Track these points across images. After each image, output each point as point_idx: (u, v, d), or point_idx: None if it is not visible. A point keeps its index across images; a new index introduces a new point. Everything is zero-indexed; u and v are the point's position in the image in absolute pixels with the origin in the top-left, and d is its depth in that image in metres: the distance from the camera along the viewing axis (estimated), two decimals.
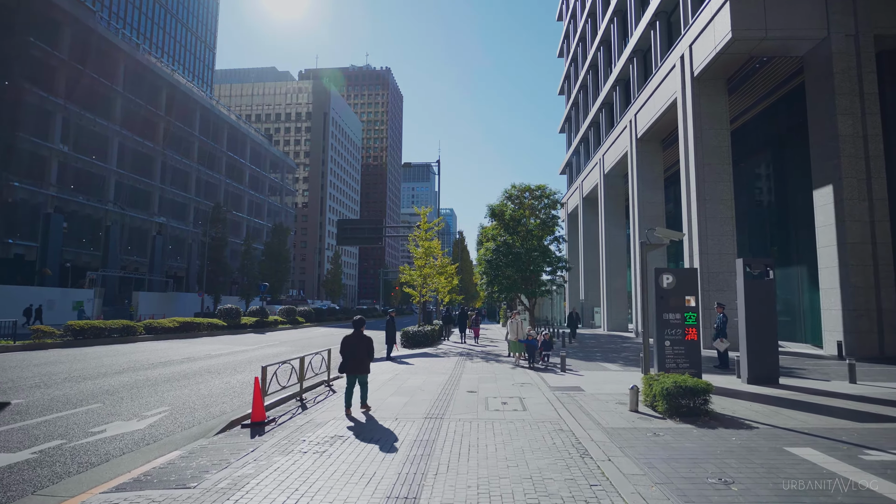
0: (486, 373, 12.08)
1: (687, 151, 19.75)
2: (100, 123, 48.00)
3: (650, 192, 25.77)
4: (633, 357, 15.74)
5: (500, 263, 21.00)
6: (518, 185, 22.16)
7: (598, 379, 10.94)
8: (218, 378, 11.73)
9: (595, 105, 35.37)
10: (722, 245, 18.60)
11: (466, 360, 15.24)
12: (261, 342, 22.06)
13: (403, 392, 9.45)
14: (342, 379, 11.50)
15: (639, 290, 25.44)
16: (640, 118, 25.74)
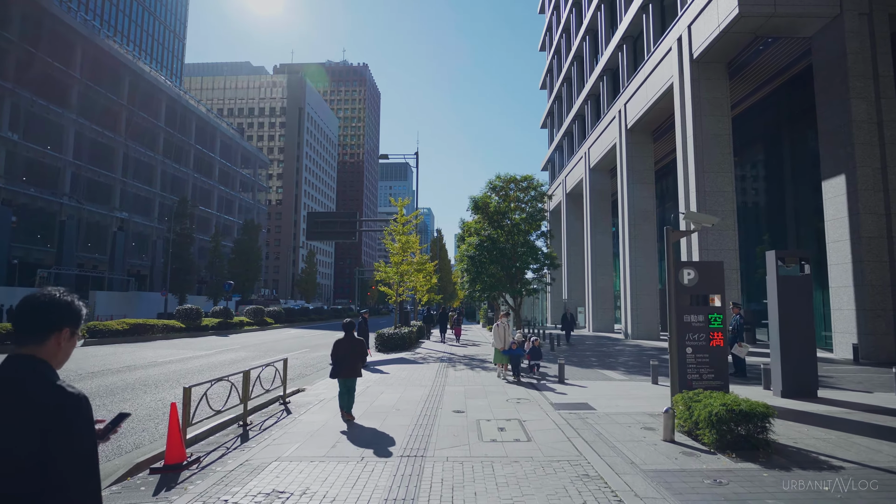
0: (473, 384, 10.38)
1: (685, 140, 18.41)
2: (54, 111, 44.76)
3: (640, 186, 24.47)
4: (633, 363, 14.24)
5: (484, 260, 19.34)
6: (503, 175, 20.53)
7: (604, 392, 9.34)
8: (152, 394, 9.75)
9: (580, 97, 34.05)
10: (723, 240, 17.30)
11: (449, 367, 13.53)
12: (220, 346, 19.96)
13: (374, 413, 7.67)
14: (303, 393, 9.67)
15: (628, 289, 24.12)
16: (630, 108, 24.40)
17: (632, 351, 17.98)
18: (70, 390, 1.48)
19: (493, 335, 11.26)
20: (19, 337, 1.56)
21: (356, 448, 5.70)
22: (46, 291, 1.64)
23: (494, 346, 11.31)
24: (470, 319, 59.05)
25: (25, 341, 1.55)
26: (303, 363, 15.25)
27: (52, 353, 1.57)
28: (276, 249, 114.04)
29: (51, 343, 1.57)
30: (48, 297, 1.61)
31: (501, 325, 11.13)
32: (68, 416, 1.44)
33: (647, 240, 24.13)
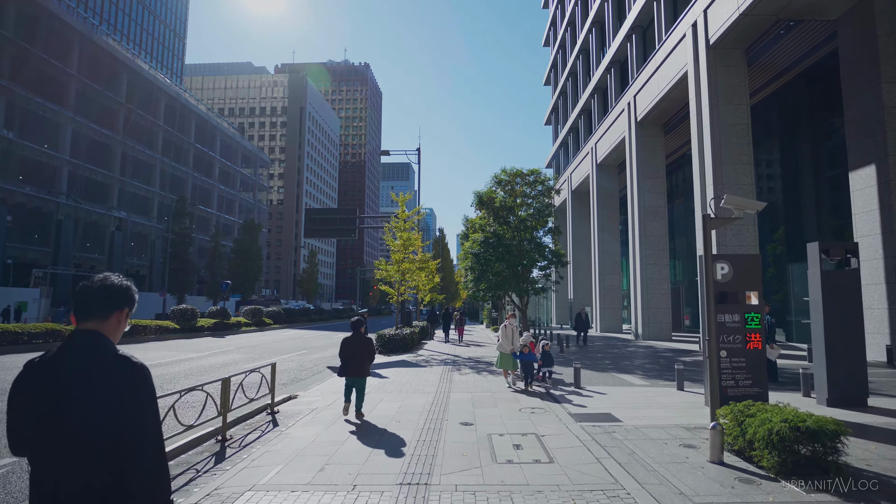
0: (481, 390, 9.50)
1: (701, 130, 17.50)
2: (51, 109, 44.10)
3: (651, 181, 23.55)
4: (650, 366, 13.34)
5: (489, 257, 18.44)
6: (508, 169, 19.64)
7: (627, 400, 8.45)
8: None
9: (586, 91, 33.14)
10: (742, 236, 16.38)
11: (453, 370, 12.65)
12: (214, 348, 19.12)
13: (372, 426, 6.80)
14: (295, 400, 8.82)
15: (637, 288, 23.21)
16: (640, 100, 23.49)
17: (646, 353, 17.07)
18: (135, 360, 1.69)
19: (500, 337, 9.93)
20: (85, 314, 1.74)
21: (348, 472, 4.82)
22: (109, 276, 1.84)
23: (500, 350, 9.93)
24: (473, 319, 58.11)
25: (90, 318, 1.74)
26: (298, 366, 14.40)
27: (112, 329, 1.78)
28: (277, 250, 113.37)
29: (112, 320, 1.78)
30: (112, 280, 1.83)
31: (509, 327, 9.91)
32: (138, 381, 1.65)
33: (657, 237, 23.21)
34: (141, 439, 1.62)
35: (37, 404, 1.62)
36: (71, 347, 1.68)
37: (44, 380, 1.63)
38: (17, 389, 1.66)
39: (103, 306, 1.77)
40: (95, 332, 1.72)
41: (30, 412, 1.63)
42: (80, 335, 1.71)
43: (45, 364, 1.66)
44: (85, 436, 1.58)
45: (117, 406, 1.60)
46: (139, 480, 1.60)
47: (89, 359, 1.66)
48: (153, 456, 1.64)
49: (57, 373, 1.64)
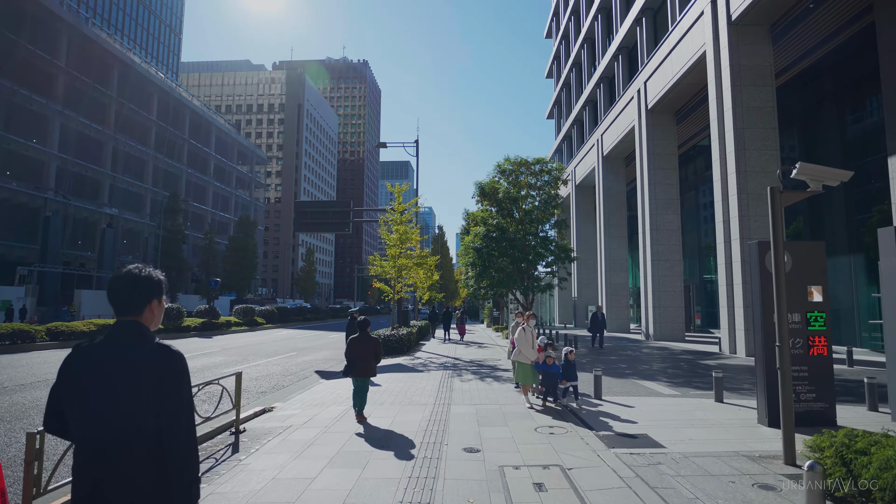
0: (486, 401, 8.19)
1: (721, 115, 16.18)
2: (37, 101, 42.63)
3: (662, 172, 22.24)
4: (672, 370, 12.03)
5: (493, 252, 17.14)
6: (513, 158, 18.33)
7: (660, 415, 7.13)
8: None
9: (591, 81, 31.82)
10: (767, 228, 15.06)
11: (454, 376, 11.34)
12: (197, 350, 17.79)
13: (355, 451, 5.48)
14: (269, 414, 7.49)
15: (649, 286, 21.88)
16: (651, 86, 22.18)
17: (662, 355, 15.76)
18: (174, 348, 1.81)
19: (517, 342, 7.83)
20: (122, 307, 1.85)
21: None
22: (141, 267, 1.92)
23: (515, 360, 7.99)
24: (472, 319, 56.73)
25: (127, 310, 1.85)
26: (283, 370, 13.07)
27: (148, 318, 1.89)
28: (275, 248, 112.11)
29: (146, 311, 1.88)
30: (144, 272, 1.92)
31: (528, 330, 7.84)
32: (176, 367, 1.78)
33: (669, 231, 21.90)
34: (178, 421, 1.74)
35: (82, 387, 1.74)
36: (114, 337, 1.80)
37: (89, 365, 1.76)
38: (63, 373, 1.79)
39: (135, 300, 1.85)
40: (135, 322, 1.84)
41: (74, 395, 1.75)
42: (121, 325, 1.83)
43: (91, 350, 1.79)
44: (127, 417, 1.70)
45: (157, 390, 1.71)
46: (176, 459, 1.72)
47: (131, 347, 1.77)
48: (189, 437, 1.77)
49: (102, 359, 1.76)
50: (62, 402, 1.76)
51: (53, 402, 1.79)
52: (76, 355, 1.77)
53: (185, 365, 1.79)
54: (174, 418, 1.72)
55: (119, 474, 1.67)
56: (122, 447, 1.68)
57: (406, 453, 5.32)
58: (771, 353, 6.28)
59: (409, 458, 5.17)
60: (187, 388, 1.79)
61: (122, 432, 1.68)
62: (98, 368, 1.73)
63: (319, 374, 12.40)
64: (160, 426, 1.70)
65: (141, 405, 1.68)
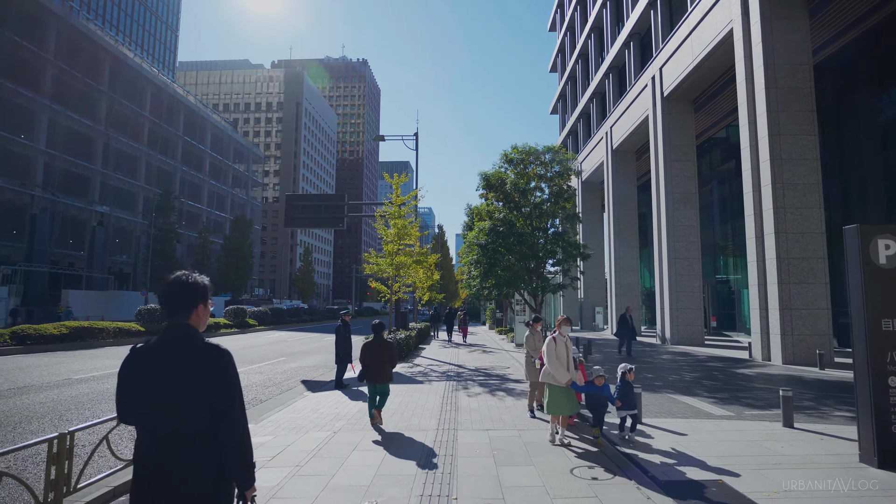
0: (501, 424, 6.71)
1: (752, 97, 14.68)
2: (24, 95, 41.13)
3: (679, 164, 20.74)
4: (709, 382, 10.51)
5: (499, 249, 15.64)
6: (520, 146, 16.83)
7: (725, 446, 5.63)
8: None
9: (599, 71, 30.35)
10: (805, 221, 13.59)
11: (459, 388, 9.84)
12: None
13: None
14: None
15: (665, 286, 20.39)
16: (667, 72, 20.70)
17: (687, 362, 14.27)
18: (222, 347, 1.98)
19: (547, 358, 5.75)
20: (173, 311, 2.02)
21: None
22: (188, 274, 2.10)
23: (545, 381, 5.92)
24: (474, 320, 55.13)
25: (178, 314, 2.02)
26: (266, 380, 11.56)
27: (195, 320, 2.05)
28: (273, 248, 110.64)
29: (194, 315, 2.04)
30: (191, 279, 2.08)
31: (560, 341, 5.78)
32: (227, 365, 1.95)
33: (687, 227, 20.41)
34: (231, 412, 1.91)
35: (143, 383, 1.92)
36: (168, 337, 1.97)
37: (148, 363, 1.93)
38: (125, 371, 1.96)
39: (185, 304, 2.02)
40: (186, 325, 2.00)
41: (137, 390, 1.92)
42: (173, 328, 1.99)
43: (148, 350, 1.96)
44: (184, 410, 1.88)
45: (211, 384, 1.90)
46: (232, 447, 1.90)
47: (184, 346, 1.95)
48: (242, 427, 1.94)
49: (159, 358, 1.94)
50: (127, 399, 1.94)
51: (120, 399, 1.96)
52: (136, 354, 1.96)
53: (232, 361, 1.98)
54: (228, 410, 1.90)
55: (179, 461, 1.86)
56: (181, 437, 1.87)
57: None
58: (881, 369, 4.79)
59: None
60: (237, 381, 1.98)
61: (180, 423, 1.87)
62: (156, 366, 1.92)
63: (306, 385, 10.91)
64: (215, 417, 1.89)
65: (196, 398, 1.88)
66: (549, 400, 5.82)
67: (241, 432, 1.92)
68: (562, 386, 5.74)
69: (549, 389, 5.88)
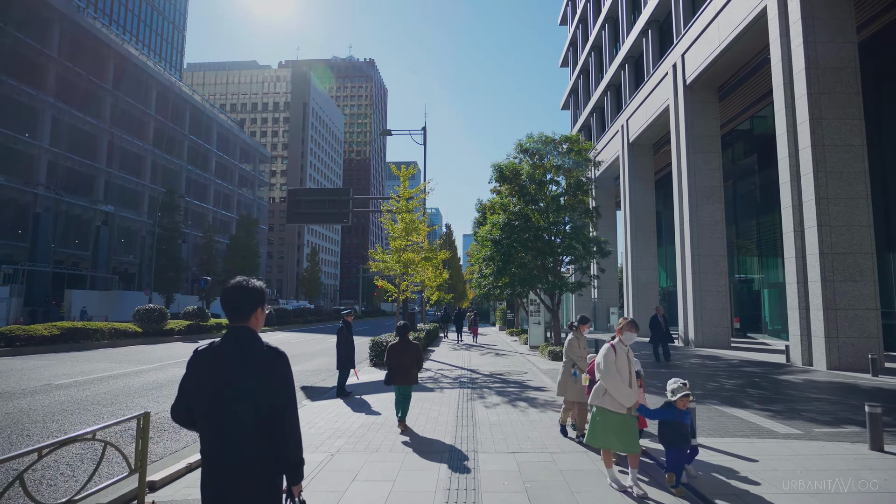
0: (529, 446, 5.67)
1: (789, 78, 13.53)
2: (27, 93, 40.57)
3: (703, 156, 19.59)
4: (755, 391, 9.38)
5: (514, 245, 14.57)
6: (536, 135, 15.76)
7: (808, 478, 4.54)
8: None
9: (614, 63, 29.20)
10: (851, 212, 12.43)
11: (474, 397, 8.80)
12: (171, 357, 15.38)
13: None
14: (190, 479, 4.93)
15: (688, 285, 19.24)
16: (691, 58, 19.55)
17: (721, 367, 13.14)
18: (280, 349, 2.15)
19: (604, 374, 4.33)
20: (235, 314, 2.17)
21: None
22: (247, 279, 2.23)
23: (595, 403, 4.44)
24: (483, 321, 53.99)
25: (239, 317, 2.17)
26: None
27: (254, 323, 2.20)
28: (280, 248, 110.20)
29: (253, 318, 2.20)
30: (251, 284, 2.22)
31: (620, 350, 4.41)
32: (285, 366, 2.12)
33: (712, 223, 19.26)
34: (287, 411, 2.06)
35: (209, 383, 2.06)
36: (230, 339, 2.12)
37: (211, 364, 2.09)
38: (191, 370, 2.12)
39: (246, 308, 2.17)
40: (246, 328, 2.15)
41: (201, 388, 2.07)
42: (235, 330, 2.14)
43: (212, 351, 2.12)
44: (246, 408, 2.02)
45: (271, 383, 2.06)
46: (287, 443, 2.05)
47: (245, 348, 2.10)
48: (296, 426, 2.08)
49: (222, 358, 2.09)
50: (190, 396, 2.09)
51: (184, 396, 2.11)
52: (200, 355, 2.12)
53: (287, 361, 2.14)
54: (285, 408, 2.06)
55: (243, 455, 1.99)
56: (243, 433, 2.00)
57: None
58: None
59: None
60: (293, 380, 2.16)
61: (244, 420, 2.00)
62: (220, 366, 2.06)
63: (305, 393, 9.92)
64: (274, 415, 2.03)
65: (257, 397, 2.02)
66: (598, 428, 4.34)
67: (295, 430, 2.07)
68: (622, 414, 4.24)
69: (602, 417, 4.34)
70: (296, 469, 2.05)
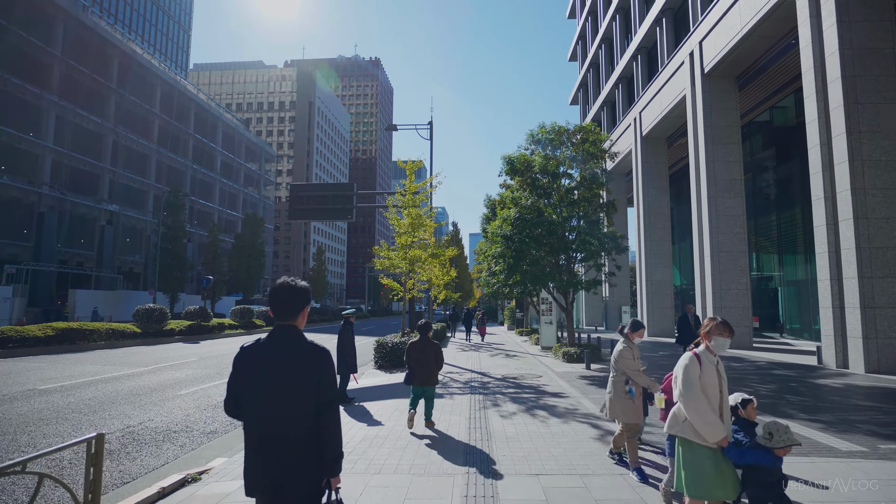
0: (554, 467, 4.94)
1: (820, 61, 12.67)
2: (31, 91, 40.26)
3: (723, 147, 18.72)
4: (797, 399, 8.58)
5: (526, 240, 13.80)
6: (548, 126, 14.97)
7: None
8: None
9: (626, 54, 28.32)
10: (890, 203, 11.56)
11: (487, 405, 8.07)
12: (169, 359, 14.77)
13: None
14: None
15: (708, 282, 18.39)
16: (708, 46, 18.69)
17: (748, 370, 12.32)
18: (322, 346, 2.23)
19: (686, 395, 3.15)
20: (283, 314, 2.27)
21: None
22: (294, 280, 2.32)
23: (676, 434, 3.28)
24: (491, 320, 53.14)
25: (287, 317, 2.27)
26: None
27: (300, 321, 2.31)
28: (286, 248, 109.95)
29: (299, 317, 2.30)
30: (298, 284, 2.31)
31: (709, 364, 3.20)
32: (329, 363, 2.22)
33: (732, 217, 18.40)
34: (330, 405, 2.16)
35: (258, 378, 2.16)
36: (277, 337, 2.22)
37: (261, 360, 2.19)
38: (238, 366, 2.22)
39: (293, 307, 2.27)
40: (292, 326, 2.25)
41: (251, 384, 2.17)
42: (281, 328, 2.23)
43: (258, 348, 2.22)
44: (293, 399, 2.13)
45: (314, 380, 2.15)
46: (329, 436, 2.14)
47: (291, 345, 2.20)
48: (337, 420, 2.19)
49: (270, 355, 2.19)
50: (239, 391, 2.19)
51: (232, 391, 2.21)
52: (247, 352, 2.22)
53: (332, 360, 2.24)
54: (329, 403, 2.15)
55: (285, 447, 2.08)
56: (288, 425, 2.09)
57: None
58: None
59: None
60: (335, 378, 2.26)
61: (291, 414, 2.10)
62: (268, 363, 2.16)
63: None
64: (319, 409, 2.13)
65: (303, 392, 2.12)
66: (689, 470, 3.15)
67: (336, 424, 2.17)
68: (712, 448, 3.10)
69: (687, 451, 3.18)
70: (336, 462, 2.15)
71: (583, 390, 9.29)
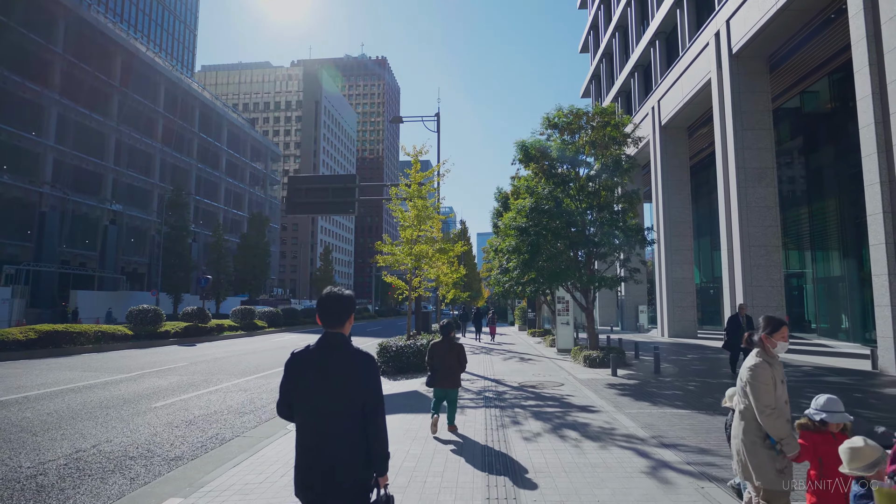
0: None
1: (871, 29, 11.31)
2: (32, 89, 39.55)
3: (753, 133, 17.36)
4: (870, 413, 7.30)
5: (543, 233, 12.55)
6: (566, 109, 13.70)
7: None
8: None
9: (643, 41, 26.95)
10: None
11: (506, 422, 6.85)
12: (157, 364, 13.68)
13: None
14: None
15: (737, 278, 17.01)
16: (736, 24, 17.34)
17: (797, 377, 10.99)
18: (368, 353, 2.28)
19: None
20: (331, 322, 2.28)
21: None
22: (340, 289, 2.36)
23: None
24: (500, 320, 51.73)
25: (335, 324, 2.28)
26: (245, 401, 8.68)
27: (346, 329, 2.32)
28: (292, 248, 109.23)
29: (346, 324, 2.32)
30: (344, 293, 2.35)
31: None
32: (372, 365, 2.25)
33: (763, 209, 17.03)
34: (377, 409, 2.20)
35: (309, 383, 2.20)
36: (326, 344, 2.26)
37: (309, 365, 2.23)
38: (290, 372, 2.26)
39: (341, 315, 2.30)
40: (340, 333, 2.28)
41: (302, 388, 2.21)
42: (330, 336, 2.27)
43: (309, 354, 2.26)
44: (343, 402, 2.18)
45: (361, 382, 2.20)
46: (377, 438, 2.19)
47: (339, 351, 2.24)
48: (383, 422, 2.23)
49: (319, 361, 2.23)
50: (291, 395, 2.25)
51: (284, 395, 2.27)
52: (299, 357, 2.27)
53: (375, 362, 2.29)
54: (375, 408, 2.20)
55: (334, 448, 2.13)
56: (338, 428, 2.15)
57: None
58: None
59: None
60: (380, 382, 2.29)
61: (340, 418, 2.16)
62: (318, 368, 2.21)
63: None
64: (367, 413, 2.18)
65: (351, 396, 2.17)
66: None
67: (383, 426, 2.22)
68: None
69: None
70: (384, 462, 2.20)
71: (615, 403, 8.04)
